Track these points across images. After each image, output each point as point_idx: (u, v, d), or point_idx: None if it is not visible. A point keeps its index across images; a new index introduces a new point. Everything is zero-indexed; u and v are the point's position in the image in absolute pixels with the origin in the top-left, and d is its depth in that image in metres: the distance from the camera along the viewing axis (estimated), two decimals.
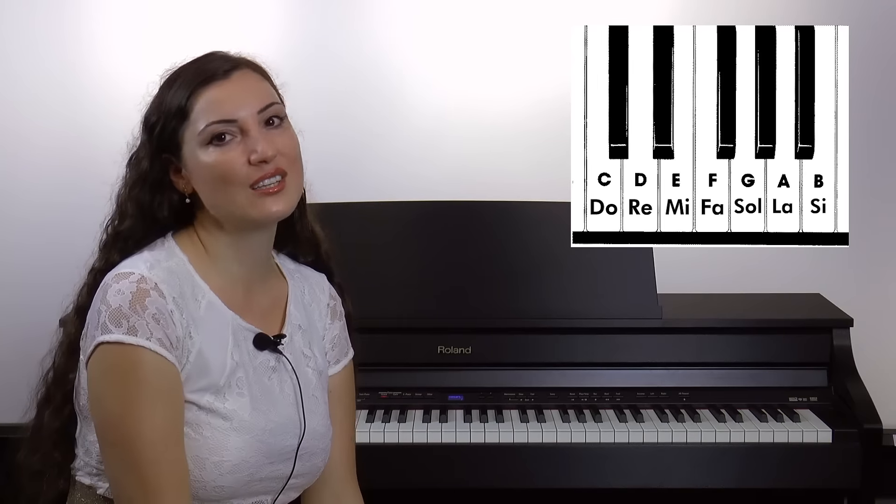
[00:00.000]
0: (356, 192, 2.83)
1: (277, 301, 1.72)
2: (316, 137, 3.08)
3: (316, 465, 1.71)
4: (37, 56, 3.06)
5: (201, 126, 1.58)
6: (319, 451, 1.70)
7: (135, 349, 1.50)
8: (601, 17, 3.08)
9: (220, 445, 1.56)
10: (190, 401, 1.56)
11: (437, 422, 2.43)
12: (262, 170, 1.57)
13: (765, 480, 2.40)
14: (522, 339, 2.58)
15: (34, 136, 3.05)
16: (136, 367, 1.51)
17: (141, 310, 1.51)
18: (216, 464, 1.56)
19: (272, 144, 1.59)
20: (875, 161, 3.10)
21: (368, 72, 3.10)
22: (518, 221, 2.63)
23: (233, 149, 1.58)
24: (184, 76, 1.61)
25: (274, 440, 1.62)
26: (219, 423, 1.57)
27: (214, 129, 1.58)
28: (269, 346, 1.66)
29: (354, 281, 2.57)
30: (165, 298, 1.54)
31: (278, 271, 1.75)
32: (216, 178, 1.58)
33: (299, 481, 1.69)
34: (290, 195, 1.61)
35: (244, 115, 1.58)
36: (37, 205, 3.05)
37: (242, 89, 1.61)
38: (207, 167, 1.58)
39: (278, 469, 1.64)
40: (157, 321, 1.52)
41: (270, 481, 1.64)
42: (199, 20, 3.04)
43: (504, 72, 3.10)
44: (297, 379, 1.68)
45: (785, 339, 2.59)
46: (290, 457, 1.64)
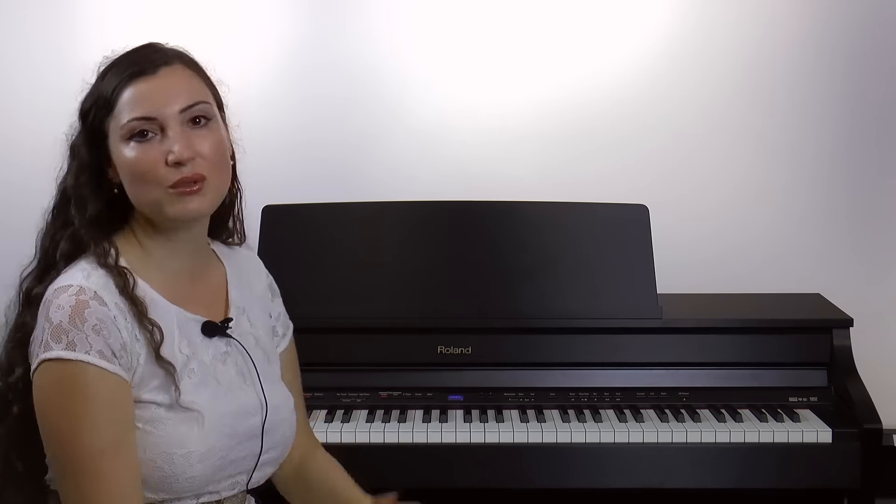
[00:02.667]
0: (356, 196, 2.83)
1: (218, 286, 1.73)
2: (316, 140, 3.14)
3: (284, 436, 1.74)
4: (31, 57, 3.06)
5: (123, 120, 1.57)
6: (283, 421, 1.73)
7: (75, 364, 1.50)
8: (601, 18, 3.09)
9: (185, 437, 1.57)
10: (147, 400, 1.57)
11: (437, 422, 2.43)
12: (179, 172, 1.56)
13: (765, 480, 2.40)
14: (522, 339, 2.58)
15: (29, 138, 3.05)
16: (76, 382, 1.50)
17: (80, 323, 1.51)
18: (184, 455, 1.57)
19: (190, 146, 1.57)
20: (875, 161, 3.10)
21: (368, 75, 3.10)
22: (518, 222, 2.63)
23: (153, 147, 1.56)
24: (116, 67, 1.60)
25: (237, 422, 1.64)
26: (180, 416, 1.58)
27: (134, 126, 1.56)
28: (219, 332, 1.67)
29: (355, 282, 2.59)
30: (107, 305, 1.53)
31: (215, 256, 1.76)
32: (135, 175, 1.57)
33: (271, 455, 1.72)
34: (208, 195, 1.60)
35: (166, 114, 1.57)
36: (34, 209, 3.03)
37: (167, 86, 1.58)
38: (127, 163, 1.57)
39: (247, 447, 1.66)
40: (98, 332, 1.51)
41: (242, 461, 1.66)
42: (199, 25, 3.04)
43: (503, 74, 3.10)
44: (252, 358, 1.70)
45: (785, 339, 2.59)
46: (256, 434, 1.67)
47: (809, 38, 3.07)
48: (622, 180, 3.06)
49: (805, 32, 3.07)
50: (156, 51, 1.62)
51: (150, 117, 1.56)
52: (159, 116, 1.57)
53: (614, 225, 2.61)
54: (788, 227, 3.11)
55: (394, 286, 2.59)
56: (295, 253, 2.59)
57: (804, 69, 3.08)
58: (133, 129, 1.56)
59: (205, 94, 1.63)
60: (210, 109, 1.62)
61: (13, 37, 3.06)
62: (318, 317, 2.54)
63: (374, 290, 2.58)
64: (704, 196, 3.11)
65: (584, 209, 2.64)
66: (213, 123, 1.62)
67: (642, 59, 3.08)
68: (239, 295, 1.75)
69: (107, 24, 3.06)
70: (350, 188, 2.99)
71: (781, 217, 3.11)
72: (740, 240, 3.11)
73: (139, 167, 1.56)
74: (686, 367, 2.58)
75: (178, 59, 1.62)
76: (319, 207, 2.64)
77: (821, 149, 3.10)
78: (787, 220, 3.12)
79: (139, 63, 1.59)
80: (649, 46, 3.08)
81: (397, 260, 2.62)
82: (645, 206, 2.62)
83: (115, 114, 1.58)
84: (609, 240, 2.60)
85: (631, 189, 2.93)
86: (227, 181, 1.66)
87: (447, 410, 2.49)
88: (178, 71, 1.61)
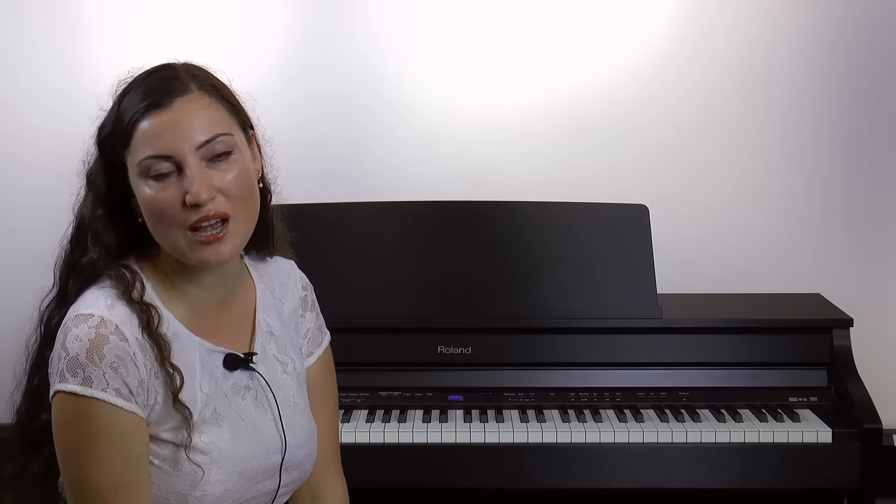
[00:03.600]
0: (356, 194, 2.83)
1: (246, 310, 1.65)
2: (317, 139, 3.14)
3: (304, 470, 1.68)
4: (36, 57, 3.06)
5: (139, 157, 1.48)
6: (304, 458, 1.66)
7: (89, 401, 1.45)
8: (600, 17, 3.08)
9: (202, 480, 1.52)
10: (164, 439, 1.52)
11: (437, 422, 2.43)
12: (198, 212, 1.47)
13: (765, 480, 2.40)
14: (522, 339, 2.58)
15: (33, 137, 3.05)
16: (89, 419, 1.46)
17: (98, 359, 1.46)
18: (199, 498, 1.52)
19: (209, 185, 1.47)
20: (875, 161, 3.10)
21: (368, 74, 3.10)
22: (518, 221, 2.63)
23: (169, 186, 1.47)
24: (131, 94, 1.51)
25: (256, 463, 1.58)
26: (198, 457, 1.52)
27: (149, 164, 1.47)
28: (241, 366, 1.60)
29: (355, 281, 2.59)
30: (127, 340, 1.48)
31: (248, 274, 1.68)
32: (153, 214, 1.49)
33: (288, 488, 1.67)
34: (231, 240, 1.51)
35: (182, 150, 1.47)
36: (36, 209, 3.03)
37: (183, 120, 1.48)
38: (145, 202, 1.49)
39: (264, 486, 1.61)
40: (116, 370, 1.46)
41: (258, 498, 1.61)
42: (200, 25, 3.03)
43: (504, 73, 3.10)
44: (273, 394, 1.62)
45: (785, 339, 2.59)
46: (274, 472, 1.61)
47: (807, 36, 3.07)
48: (621, 179, 3.06)
49: (802, 31, 3.07)
50: (172, 77, 1.51)
51: (166, 155, 1.47)
52: (175, 154, 1.47)
53: (615, 225, 2.61)
54: (786, 225, 3.11)
55: (394, 286, 2.59)
56: (294, 253, 2.58)
57: (801, 68, 3.08)
58: (148, 167, 1.47)
59: (224, 124, 1.52)
60: (231, 141, 1.51)
61: (18, 36, 3.06)
62: None
63: (375, 290, 2.57)
64: (702, 194, 3.11)
65: (585, 209, 2.64)
66: (234, 155, 1.51)
67: (640, 59, 3.08)
68: (267, 318, 1.67)
69: (110, 22, 3.05)
70: (350, 186, 2.98)
71: (779, 216, 3.11)
72: (738, 238, 3.11)
73: (156, 207, 1.48)
74: (686, 367, 2.58)
75: (195, 86, 1.51)
76: (319, 207, 2.64)
77: (819, 147, 3.10)
78: (784, 218, 3.11)
79: (154, 93, 1.49)
80: (647, 46, 3.08)
81: (398, 259, 2.61)
82: (645, 207, 2.62)
83: (131, 149, 1.49)
84: (609, 240, 2.60)
85: (629, 187, 2.93)
86: (255, 212, 1.56)
87: (447, 410, 2.49)
88: (194, 101, 1.50)
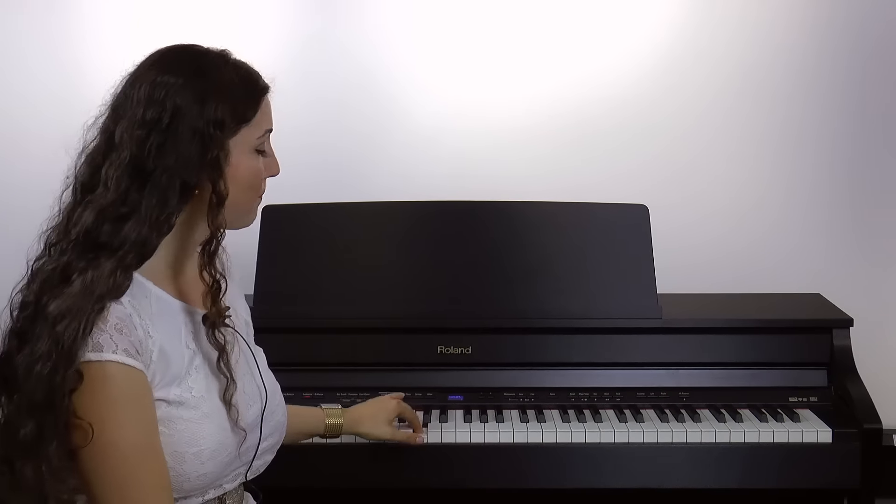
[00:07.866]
0: (356, 195, 2.84)
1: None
2: (316, 142, 3.14)
3: (279, 422, 1.78)
4: (31, 62, 3.06)
5: (262, 130, 1.67)
6: (278, 405, 1.78)
7: (102, 365, 1.50)
8: (602, 20, 3.09)
9: (196, 435, 1.59)
10: (159, 398, 1.57)
11: (437, 422, 2.43)
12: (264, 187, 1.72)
13: (765, 480, 2.40)
14: (522, 340, 2.58)
15: (29, 144, 3.05)
16: (105, 383, 1.51)
17: (103, 324, 1.51)
18: (196, 454, 1.59)
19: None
20: (875, 161, 3.10)
21: (366, 77, 3.10)
22: (517, 221, 2.63)
23: (262, 159, 1.69)
24: (242, 79, 1.64)
25: (244, 412, 1.66)
26: (190, 413, 1.59)
27: (265, 138, 1.68)
28: (219, 324, 1.67)
29: (354, 281, 2.59)
30: (123, 304, 1.54)
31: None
32: (253, 184, 1.67)
33: (269, 442, 1.74)
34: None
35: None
36: (34, 213, 3.02)
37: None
38: (252, 172, 1.66)
39: (250, 438, 1.68)
40: (121, 331, 1.52)
41: (246, 453, 1.68)
42: (199, 27, 3.03)
43: (503, 77, 3.10)
44: (249, 346, 1.76)
45: (785, 339, 2.59)
46: (257, 423, 1.69)
47: (811, 41, 3.08)
48: (622, 183, 3.06)
49: (807, 35, 3.08)
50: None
51: (270, 131, 1.70)
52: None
53: (614, 225, 2.61)
54: (790, 227, 3.12)
55: (394, 286, 2.59)
56: (295, 253, 2.60)
57: (806, 72, 3.09)
58: (263, 141, 1.67)
59: None
60: None
61: (8, 36, 3.06)
62: (318, 317, 2.55)
63: (374, 290, 2.58)
64: (706, 198, 3.11)
65: (585, 209, 2.64)
66: None
67: (643, 62, 3.08)
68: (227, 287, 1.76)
69: (102, 24, 3.06)
70: (349, 189, 2.99)
71: (783, 218, 3.12)
72: (742, 241, 3.12)
73: (259, 178, 1.68)
74: (686, 367, 2.58)
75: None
76: (319, 207, 2.65)
77: (822, 150, 3.11)
78: (786, 219, 3.12)
79: (261, 79, 1.68)
80: (650, 49, 3.08)
81: (397, 260, 2.62)
82: (645, 207, 2.62)
83: (252, 123, 1.64)
84: (609, 239, 2.60)
85: (631, 191, 2.93)
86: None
87: (447, 410, 2.49)
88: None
